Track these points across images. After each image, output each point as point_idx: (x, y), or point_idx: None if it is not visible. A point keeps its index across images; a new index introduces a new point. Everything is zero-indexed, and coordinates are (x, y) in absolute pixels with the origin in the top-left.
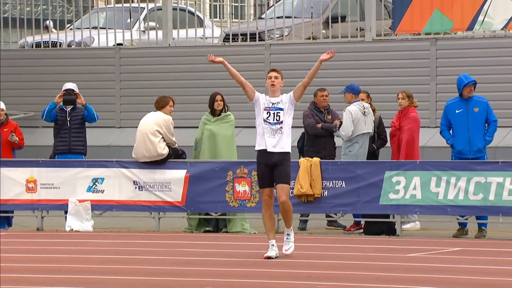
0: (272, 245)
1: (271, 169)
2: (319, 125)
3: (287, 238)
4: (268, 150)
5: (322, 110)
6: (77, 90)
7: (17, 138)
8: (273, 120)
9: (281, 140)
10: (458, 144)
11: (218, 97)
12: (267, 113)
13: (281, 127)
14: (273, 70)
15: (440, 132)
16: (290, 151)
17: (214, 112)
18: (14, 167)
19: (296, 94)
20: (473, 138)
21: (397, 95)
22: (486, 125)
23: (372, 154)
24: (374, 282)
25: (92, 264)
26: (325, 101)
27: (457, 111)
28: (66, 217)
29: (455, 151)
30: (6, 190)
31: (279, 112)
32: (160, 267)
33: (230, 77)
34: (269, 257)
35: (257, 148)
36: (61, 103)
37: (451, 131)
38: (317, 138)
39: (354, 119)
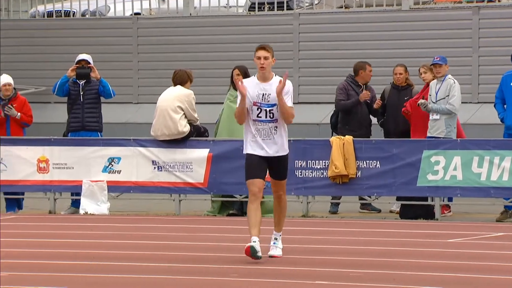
0: (254, 241)
1: (265, 160)
2: (362, 95)
3: (274, 243)
4: (260, 155)
5: (360, 85)
6: (91, 62)
7: (16, 113)
8: (266, 118)
9: (276, 141)
10: (508, 118)
11: (236, 72)
12: (257, 109)
13: (276, 126)
14: (262, 48)
15: (494, 105)
16: (288, 151)
17: (236, 88)
18: (24, 145)
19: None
20: None
21: (419, 70)
22: None
23: (408, 132)
24: (411, 269)
25: (108, 249)
26: (369, 77)
27: (511, 84)
28: (72, 200)
29: (506, 127)
30: (16, 170)
31: (272, 110)
32: (180, 253)
33: (254, 49)
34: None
35: (245, 152)
36: (74, 77)
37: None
38: (351, 115)
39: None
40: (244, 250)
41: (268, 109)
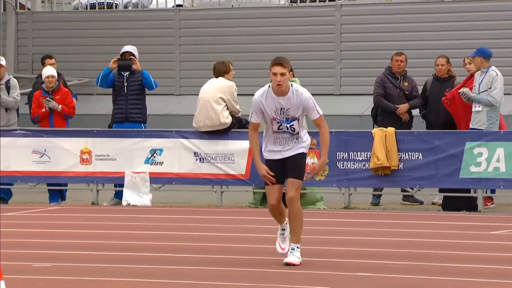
0: (283, 229)
1: (283, 162)
2: (401, 107)
3: (291, 252)
4: (279, 158)
5: (397, 76)
6: (136, 54)
7: (56, 105)
8: (287, 130)
9: (294, 146)
10: None
11: None
12: (277, 123)
13: (297, 137)
14: (278, 63)
15: None
16: (305, 151)
17: None
18: (67, 137)
19: (311, 119)
20: None
21: (463, 60)
22: None
23: (452, 124)
24: (453, 261)
25: (150, 241)
26: (400, 67)
27: None
28: (114, 191)
29: None
30: (59, 162)
31: (293, 125)
32: (222, 245)
33: (297, 41)
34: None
35: (264, 155)
36: (116, 68)
37: None
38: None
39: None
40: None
41: (288, 125)
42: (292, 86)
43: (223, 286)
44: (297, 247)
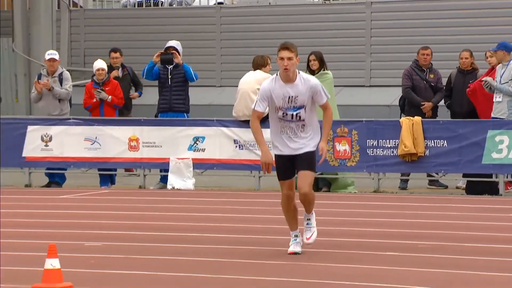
0: (296, 236)
1: (293, 158)
2: (425, 107)
3: (307, 224)
4: (288, 154)
5: (424, 69)
6: (179, 48)
7: (107, 95)
8: (292, 119)
9: (302, 139)
10: None
11: (311, 57)
12: (283, 114)
13: (304, 124)
14: (285, 47)
15: None
16: (315, 148)
17: (312, 72)
18: (116, 125)
19: (318, 103)
20: None
21: (485, 54)
22: None
23: (475, 113)
24: (476, 241)
25: (193, 222)
26: (426, 60)
27: None
28: (160, 176)
29: None
30: (109, 149)
31: (299, 113)
32: (260, 226)
33: (330, 36)
34: (294, 253)
35: (273, 151)
36: (159, 62)
37: None
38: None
39: None
40: (288, 253)
41: (294, 113)
42: (299, 73)
43: (259, 264)
44: (312, 214)
